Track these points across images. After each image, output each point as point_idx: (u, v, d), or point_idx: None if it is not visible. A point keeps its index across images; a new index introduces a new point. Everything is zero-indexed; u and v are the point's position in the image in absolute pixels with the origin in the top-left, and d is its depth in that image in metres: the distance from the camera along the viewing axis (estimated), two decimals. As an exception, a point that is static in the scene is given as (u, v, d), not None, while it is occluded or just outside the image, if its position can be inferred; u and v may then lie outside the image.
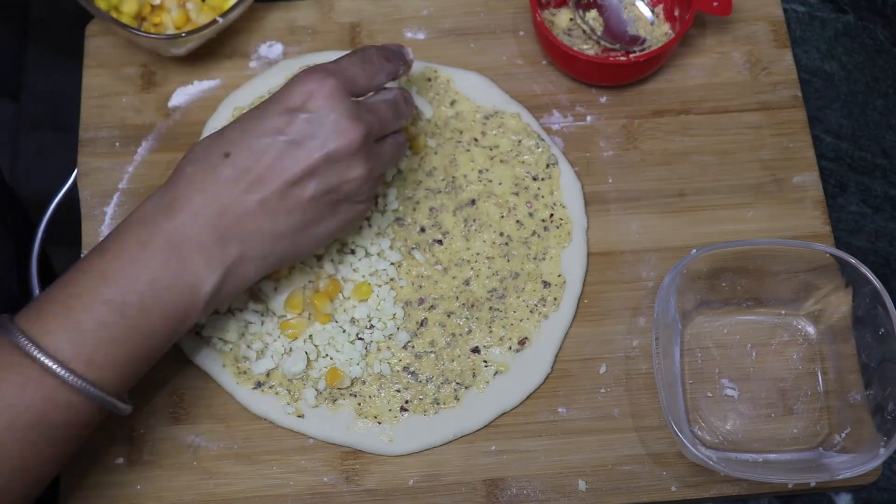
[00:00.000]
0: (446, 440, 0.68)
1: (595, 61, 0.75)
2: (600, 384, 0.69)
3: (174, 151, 0.76)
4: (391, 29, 0.80)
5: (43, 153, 0.80)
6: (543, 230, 0.73)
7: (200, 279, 0.58)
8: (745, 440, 0.68)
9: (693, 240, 0.73)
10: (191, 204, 0.58)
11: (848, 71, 0.82)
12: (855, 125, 0.80)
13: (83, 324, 0.55)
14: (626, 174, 0.76)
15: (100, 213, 0.74)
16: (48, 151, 0.80)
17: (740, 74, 0.79)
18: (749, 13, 0.81)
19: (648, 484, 0.67)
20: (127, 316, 0.56)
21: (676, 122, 0.77)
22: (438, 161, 0.75)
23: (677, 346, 0.70)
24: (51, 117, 0.76)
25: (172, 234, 0.57)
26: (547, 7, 0.79)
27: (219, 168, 0.59)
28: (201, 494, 0.66)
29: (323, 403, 0.68)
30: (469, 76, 0.78)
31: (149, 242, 0.57)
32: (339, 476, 0.67)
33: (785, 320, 0.71)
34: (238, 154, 0.59)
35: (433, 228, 0.73)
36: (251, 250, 0.60)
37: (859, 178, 0.78)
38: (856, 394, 0.67)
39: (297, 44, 0.80)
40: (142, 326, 0.57)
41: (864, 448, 0.64)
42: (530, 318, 0.70)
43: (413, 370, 0.69)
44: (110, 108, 0.78)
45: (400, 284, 0.71)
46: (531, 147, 0.75)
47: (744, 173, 0.76)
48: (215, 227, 0.58)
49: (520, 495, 0.66)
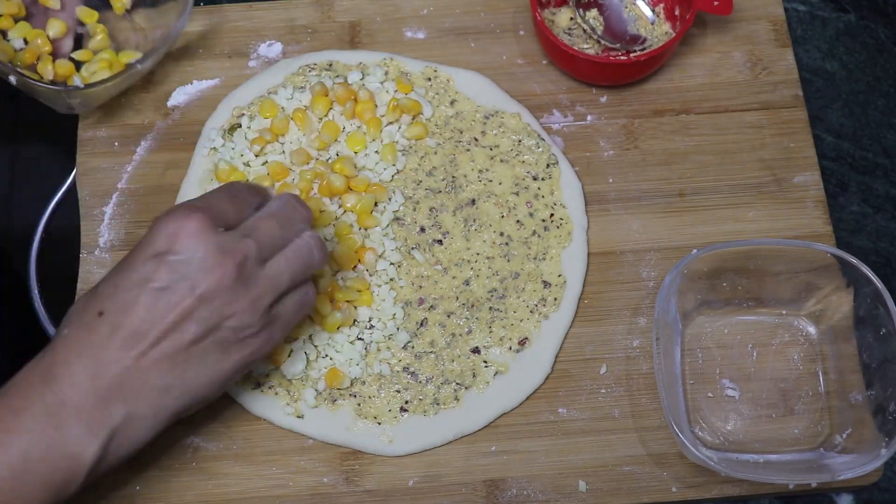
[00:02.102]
0: (446, 441, 0.68)
1: (595, 61, 0.75)
2: (601, 384, 0.69)
3: (173, 151, 0.76)
4: (391, 28, 0.80)
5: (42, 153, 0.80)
6: (543, 230, 0.73)
7: (81, 446, 0.54)
8: (746, 441, 0.68)
9: (693, 240, 0.73)
10: (68, 368, 0.55)
11: (849, 70, 0.82)
12: (856, 125, 0.80)
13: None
14: (627, 174, 0.76)
15: (99, 212, 0.74)
16: (47, 151, 0.80)
17: (741, 74, 0.79)
18: (750, 12, 0.81)
19: (649, 484, 0.67)
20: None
21: (677, 121, 0.77)
22: (438, 161, 0.74)
23: (678, 347, 0.70)
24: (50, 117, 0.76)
25: (49, 400, 0.54)
26: (547, 6, 0.79)
27: (94, 327, 0.55)
28: (201, 495, 0.66)
29: (322, 404, 0.68)
30: (469, 76, 0.78)
31: (23, 410, 0.54)
32: (339, 476, 0.67)
33: (786, 320, 0.71)
34: (111, 310, 0.55)
35: (433, 228, 0.72)
36: (138, 409, 0.56)
37: (860, 177, 0.78)
38: (857, 394, 0.67)
39: (297, 43, 0.80)
40: (14, 500, 0.53)
41: (865, 448, 0.64)
42: (530, 319, 0.70)
43: (413, 370, 0.69)
44: (109, 108, 0.77)
45: (400, 284, 0.71)
46: (531, 147, 0.75)
47: (744, 173, 0.75)
48: (95, 391, 0.55)
49: (520, 496, 0.66)
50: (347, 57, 0.78)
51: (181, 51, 0.79)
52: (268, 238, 0.59)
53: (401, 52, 0.79)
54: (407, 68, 0.78)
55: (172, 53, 0.79)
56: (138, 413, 0.56)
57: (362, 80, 0.76)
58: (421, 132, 0.74)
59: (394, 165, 0.74)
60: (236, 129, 0.75)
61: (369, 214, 0.72)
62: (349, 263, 0.70)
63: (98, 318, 0.56)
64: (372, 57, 0.78)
